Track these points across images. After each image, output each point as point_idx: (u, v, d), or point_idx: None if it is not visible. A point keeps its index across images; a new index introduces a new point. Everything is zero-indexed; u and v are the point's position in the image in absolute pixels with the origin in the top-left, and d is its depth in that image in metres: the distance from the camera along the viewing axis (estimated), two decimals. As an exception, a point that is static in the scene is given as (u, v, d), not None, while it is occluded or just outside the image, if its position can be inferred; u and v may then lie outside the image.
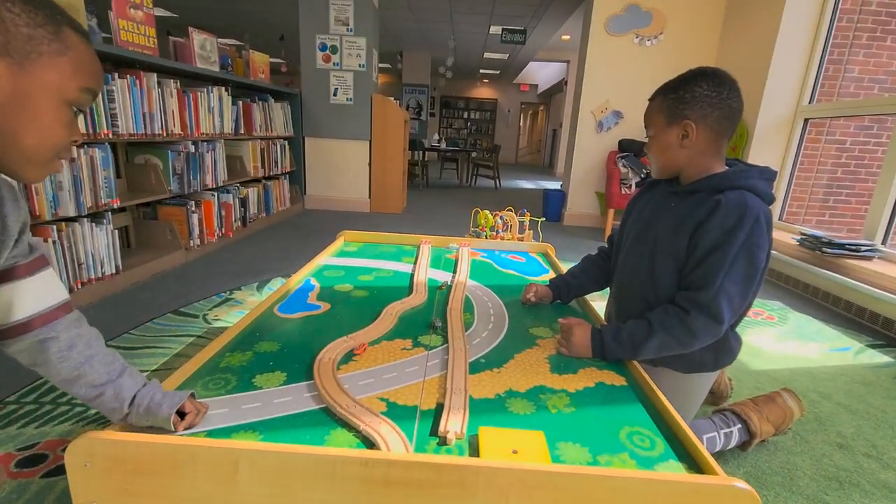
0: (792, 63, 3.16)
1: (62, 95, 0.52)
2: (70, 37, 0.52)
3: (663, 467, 0.64)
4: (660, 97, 0.99)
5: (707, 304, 0.89)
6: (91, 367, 0.60)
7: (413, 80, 10.09)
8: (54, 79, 0.51)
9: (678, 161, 1.00)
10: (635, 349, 0.92)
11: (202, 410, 0.67)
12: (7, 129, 0.50)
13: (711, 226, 0.91)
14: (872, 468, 1.22)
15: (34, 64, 0.49)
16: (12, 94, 0.49)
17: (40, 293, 0.57)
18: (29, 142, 0.51)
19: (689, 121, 0.94)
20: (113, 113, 2.04)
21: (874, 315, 2.23)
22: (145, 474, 0.58)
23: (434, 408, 0.74)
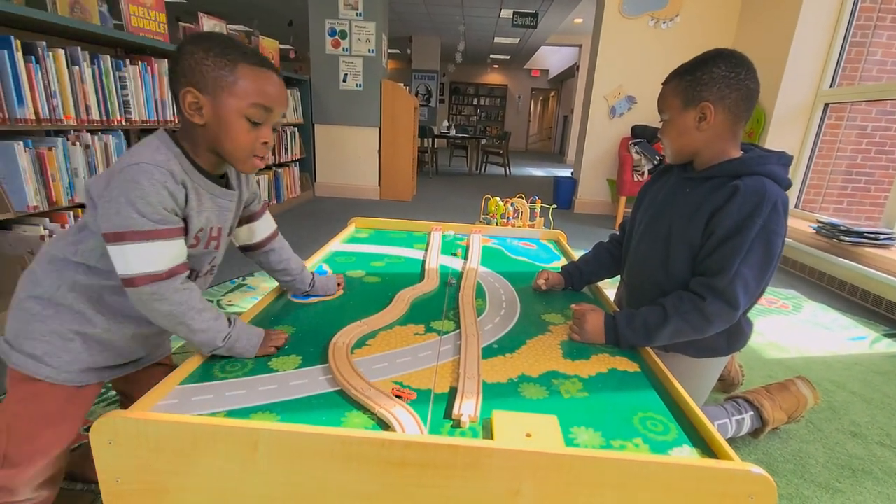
0: (813, 45, 3.07)
1: (239, 112, 0.73)
2: (240, 69, 0.73)
3: (677, 452, 0.64)
4: (675, 80, 0.97)
5: (723, 289, 0.89)
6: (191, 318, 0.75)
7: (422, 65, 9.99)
8: (233, 102, 0.73)
9: (695, 145, 0.98)
10: (649, 335, 0.92)
11: (280, 339, 0.85)
12: (215, 139, 0.75)
13: (729, 211, 0.90)
14: (886, 456, 1.21)
15: (221, 95, 0.72)
16: (213, 117, 0.73)
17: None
18: (227, 147, 0.76)
19: (707, 103, 0.92)
20: (125, 100, 2.05)
21: (891, 304, 2.19)
22: (167, 452, 0.59)
23: (447, 392, 0.75)
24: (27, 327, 0.74)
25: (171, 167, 0.72)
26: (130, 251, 0.69)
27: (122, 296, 0.74)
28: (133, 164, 0.69)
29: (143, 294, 0.70)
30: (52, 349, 0.74)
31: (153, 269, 0.70)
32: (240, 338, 0.79)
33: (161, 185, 0.70)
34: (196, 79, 0.71)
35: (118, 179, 0.69)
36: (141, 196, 0.68)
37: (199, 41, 0.72)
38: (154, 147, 0.73)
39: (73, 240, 0.76)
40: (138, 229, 0.69)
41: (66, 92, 1.78)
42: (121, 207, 0.68)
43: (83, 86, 1.85)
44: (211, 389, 0.72)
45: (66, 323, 0.75)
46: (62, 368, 0.75)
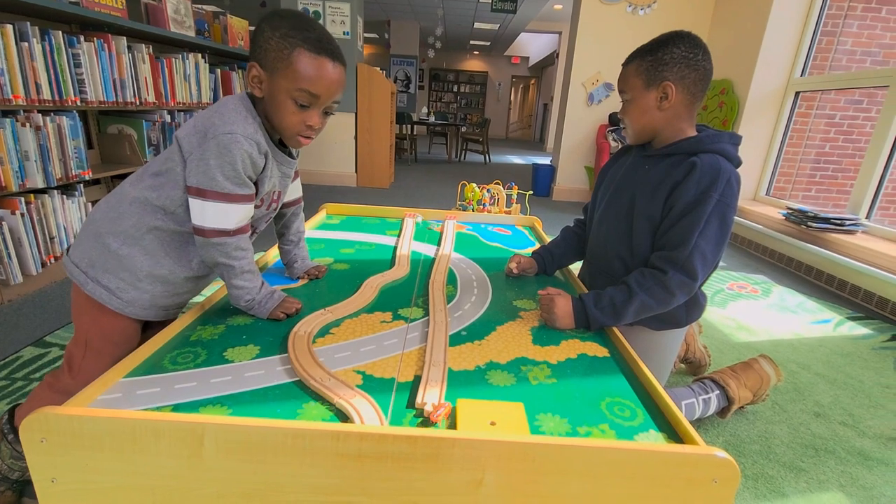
0: (785, 34, 3.11)
1: (288, 93, 0.80)
2: (297, 54, 0.78)
3: (643, 437, 0.63)
4: (637, 60, 0.98)
5: (683, 262, 0.92)
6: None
7: (401, 51, 9.80)
8: (283, 83, 0.79)
9: (656, 124, 1.00)
10: (617, 314, 0.92)
11: (292, 307, 0.89)
12: (269, 113, 0.83)
13: (687, 186, 0.93)
14: (848, 436, 1.24)
15: (276, 74, 0.79)
16: (268, 93, 0.81)
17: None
18: (276, 122, 0.83)
19: (668, 82, 0.95)
20: (80, 78, 1.93)
21: (855, 288, 2.26)
22: (105, 450, 0.55)
23: (412, 380, 0.72)
24: (104, 261, 0.82)
25: (258, 139, 0.81)
26: (209, 207, 0.79)
27: (189, 242, 0.85)
28: (228, 133, 0.77)
29: (209, 243, 0.81)
30: (124, 285, 0.83)
31: (223, 226, 0.81)
32: (260, 303, 0.87)
33: (248, 155, 0.80)
34: (260, 55, 0.79)
35: (212, 144, 0.77)
36: (230, 163, 0.78)
37: (272, 19, 0.79)
38: (243, 116, 0.80)
39: (151, 183, 0.82)
40: (220, 190, 0.79)
41: (15, 70, 1.66)
42: (209, 169, 0.77)
43: (33, 63, 1.73)
44: (159, 382, 0.67)
45: (140, 263, 0.83)
46: (130, 303, 0.83)
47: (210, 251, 0.82)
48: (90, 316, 0.83)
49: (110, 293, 0.82)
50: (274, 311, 0.87)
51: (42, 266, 1.84)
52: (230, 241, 0.82)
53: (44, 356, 1.37)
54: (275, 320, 0.87)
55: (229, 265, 0.83)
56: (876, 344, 1.80)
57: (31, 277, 1.81)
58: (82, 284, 0.81)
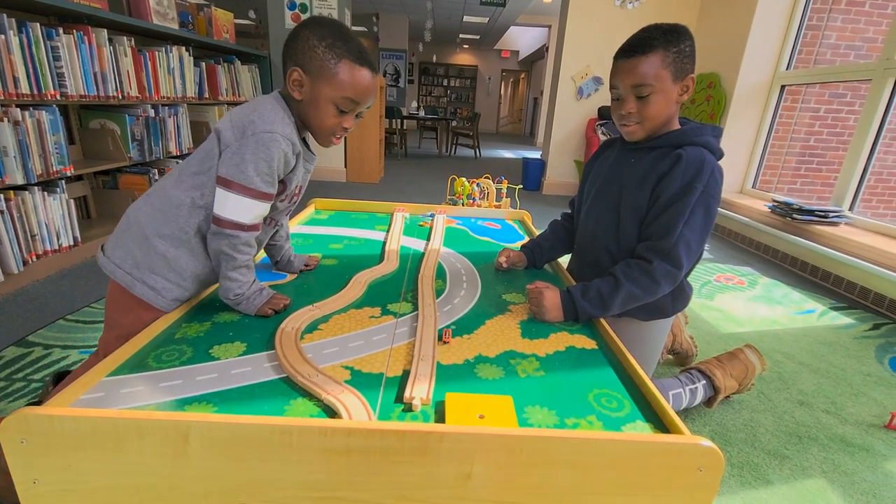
0: (771, 28, 3.13)
1: (331, 100, 0.85)
2: (343, 65, 0.84)
3: (630, 427, 0.64)
4: (659, 51, 0.93)
5: (668, 251, 0.93)
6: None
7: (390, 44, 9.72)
8: (328, 91, 0.85)
9: (668, 117, 0.99)
10: (604, 305, 0.93)
11: (279, 304, 0.89)
12: (305, 114, 0.88)
13: (673, 178, 0.94)
14: (830, 423, 1.27)
15: (320, 81, 0.84)
16: (310, 97, 0.86)
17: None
18: (314, 123, 0.89)
19: (692, 75, 0.95)
20: (59, 72, 1.89)
21: (838, 279, 2.30)
22: (88, 450, 0.54)
23: (400, 375, 0.72)
24: (151, 262, 0.84)
25: (294, 139, 0.86)
26: (231, 198, 0.82)
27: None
28: (268, 132, 0.81)
29: (222, 233, 0.83)
30: (170, 285, 0.86)
31: (240, 220, 0.83)
32: (249, 298, 0.87)
33: (284, 154, 0.84)
34: (304, 61, 0.84)
35: (251, 141, 0.81)
36: (266, 160, 0.82)
37: (317, 27, 0.84)
38: (281, 116, 0.85)
39: (194, 183, 0.85)
40: (248, 185, 0.82)
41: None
42: (243, 163, 0.81)
43: (10, 56, 1.69)
44: (143, 381, 0.67)
45: (186, 263, 0.86)
46: (174, 301, 0.86)
47: (220, 240, 0.84)
48: (134, 314, 0.84)
49: (156, 293, 0.84)
50: (262, 308, 0.87)
51: (24, 264, 1.81)
52: (243, 235, 0.84)
53: (26, 356, 1.35)
54: (262, 316, 0.87)
55: (232, 257, 0.85)
56: (858, 333, 1.83)
57: (13, 276, 1.78)
58: (129, 286, 0.84)
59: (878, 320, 1.97)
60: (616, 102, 1.01)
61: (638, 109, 0.97)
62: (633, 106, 0.97)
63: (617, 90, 0.99)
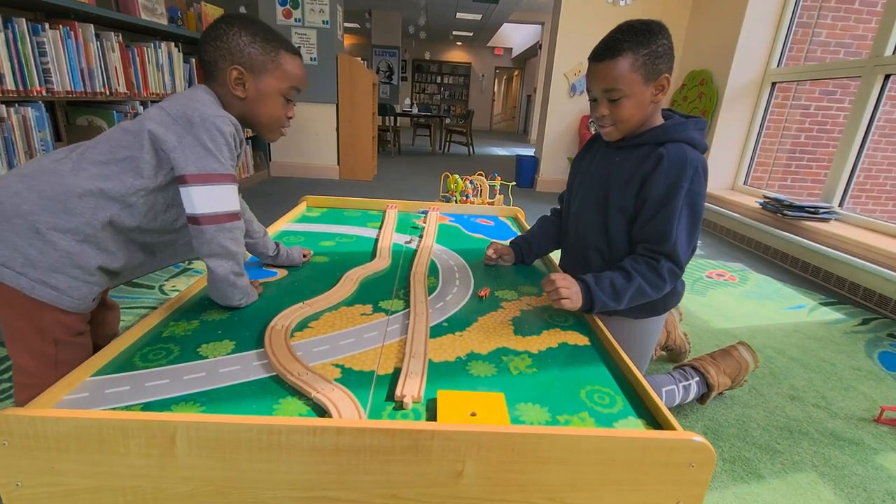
0: (763, 25, 3.14)
1: (279, 91, 0.86)
2: (282, 56, 0.85)
3: (622, 424, 0.64)
4: (629, 54, 0.92)
5: (669, 253, 0.95)
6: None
7: (383, 41, 9.67)
8: (274, 83, 0.85)
9: (645, 117, 0.99)
10: (616, 295, 0.93)
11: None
12: (253, 112, 0.87)
13: (656, 179, 0.95)
14: (821, 418, 1.28)
15: (263, 76, 0.84)
16: (254, 93, 0.85)
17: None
18: (263, 120, 0.88)
19: (666, 75, 0.94)
20: (45, 68, 1.86)
21: (828, 274, 2.32)
22: (72, 452, 0.53)
23: (392, 373, 0.71)
24: (48, 259, 0.73)
25: (237, 124, 0.83)
26: (217, 191, 0.78)
27: (149, 234, 0.83)
28: (218, 116, 0.79)
29: (222, 230, 0.79)
30: (76, 283, 0.76)
31: (233, 208, 0.81)
32: (248, 296, 0.89)
33: (233, 137, 0.81)
34: (243, 59, 0.82)
35: (202, 129, 0.77)
36: (225, 144, 0.79)
37: (245, 24, 0.83)
38: (216, 104, 0.83)
39: (101, 173, 0.75)
40: (224, 172, 0.79)
41: (-27, 58, 1.59)
42: (209, 153, 0.77)
43: (-7, 51, 1.66)
44: (129, 380, 0.65)
45: (93, 259, 0.77)
46: (82, 299, 0.77)
47: (220, 238, 0.79)
48: (39, 317, 0.74)
49: (60, 293, 0.74)
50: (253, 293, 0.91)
51: (9, 263, 1.77)
52: (238, 224, 0.82)
53: (12, 356, 1.32)
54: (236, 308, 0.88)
55: (235, 252, 0.82)
56: (847, 328, 1.85)
57: None
58: (25, 290, 0.72)
59: (868, 315, 1.99)
60: (592, 104, 1.01)
61: (611, 112, 0.97)
62: (606, 109, 0.97)
63: (591, 92, 0.99)
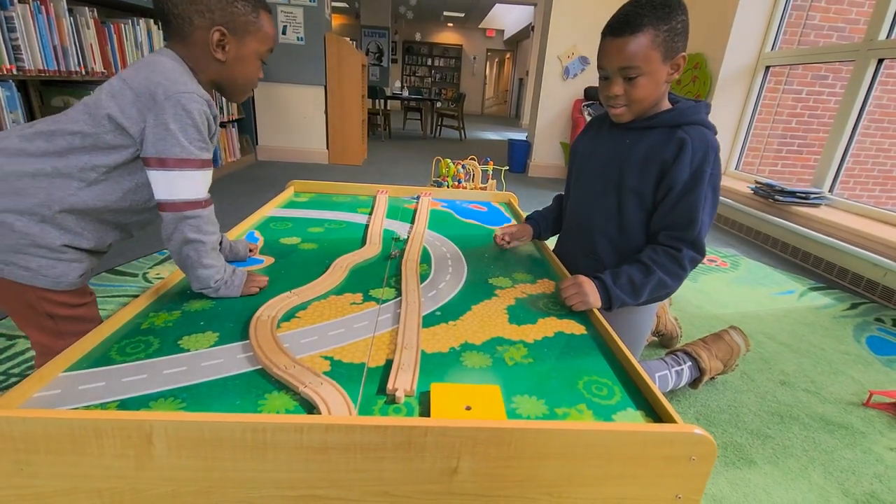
0: (757, 8, 3.10)
1: (258, 53, 0.83)
2: (262, 17, 0.81)
3: (621, 416, 0.62)
4: (649, 29, 0.86)
5: (693, 239, 0.93)
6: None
7: (372, 21, 9.44)
8: (255, 46, 0.82)
9: (658, 98, 0.96)
10: (635, 292, 0.92)
11: (263, 281, 0.88)
12: (231, 75, 0.83)
13: (682, 166, 0.92)
14: (811, 402, 1.29)
15: (245, 38, 0.80)
16: (235, 56, 0.81)
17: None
18: (241, 81, 0.85)
19: (683, 54, 0.91)
20: (15, 44, 1.76)
21: (818, 259, 2.33)
22: (42, 453, 0.50)
23: (383, 365, 0.69)
24: (7, 241, 0.71)
25: (207, 97, 0.77)
26: (176, 177, 0.74)
27: (121, 214, 0.80)
28: (182, 93, 0.72)
29: (182, 218, 0.75)
30: (45, 263, 0.74)
31: (196, 196, 0.76)
32: (229, 281, 0.83)
33: (205, 115, 0.76)
34: (226, 20, 0.77)
35: (167, 106, 0.71)
36: (192, 124, 0.73)
37: None
38: (185, 74, 0.76)
39: (50, 148, 0.71)
40: (187, 157, 0.74)
41: (-66, 32, 1.49)
42: (171, 135, 0.72)
43: (-43, 26, 1.57)
44: (104, 375, 0.62)
45: (56, 239, 0.73)
46: (60, 277, 0.75)
47: (182, 227, 0.76)
48: (29, 291, 0.74)
49: (33, 273, 0.72)
50: (247, 287, 0.85)
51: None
52: (204, 212, 0.78)
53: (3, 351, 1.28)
54: (248, 296, 0.85)
55: (200, 241, 0.77)
56: (836, 313, 1.87)
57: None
58: (12, 277, 0.71)
59: (856, 300, 2.01)
60: (604, 82, 0.95)
61: (625, 91, 0.92)
62: (621, 88, 0.92)
63: (604, 70, 0.93)
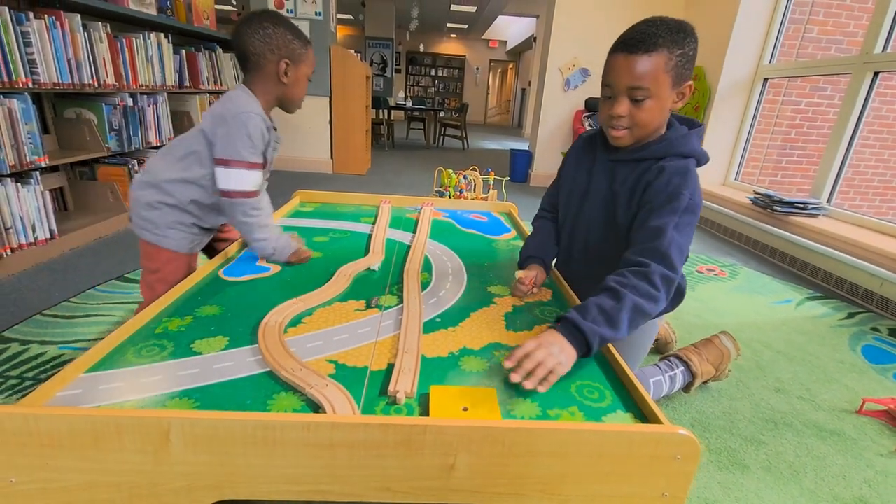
0: (755, 20, 3.16)
1: (307, 76, 1.13)
2: (309, 50, 1.12)
3: (611, 418, 0.65)
4: (663, 51, 0.82)
5: (663, 253, 0.84)
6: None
7: (377, 33, 9.58)
8: (305, 70, 1.12)
9: (660, 125, 0.92)
10: (611, 321, 0.77)
11: (308, 253, 1.15)
12: (291, 93, 1.11)
13: (657, 188, 0.89)
14: (805, 410, 1.31)
15: (300, 64, 1.10)
16: (293, 79, 1.10)
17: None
18: (294, 98, 1.13)
19: (690, 83, 0.88)
20: (31, 58, 1.83)
21: (815, 269, 2.36)
22: (66, 448, 0.54)
23: (385, 369, 0.72)
24: (162, 219, 1.10)
25: (264, 115, 1.07)
26: (232, 173, 1.03)
27: (212, 207, 1.14)
28: (244, 113, 1.02)
29: (233, 203, 1.05)
30: (177, 234, 1.12)
31: (244, 188, 1.05)
32: (281, 249, 1.09)
33: (261, 130, 1.05)
34: (288, 53, 1.07)
35: (232, 123, 1.01)
36: (248, 135, 1.02)
37: (281, 22, 1.06)
38: (251, 100, 1.06)
39: (182, 165, 1.08)
40: (240, 159, 1.03)
41: (-44, 48, 1.56)
42: (232, 143, 1.02)
43: (-23, 41, 1.63)
44: (122, 376, 0.66)
45: (186, 218, 1.13)
46: (181, 245, 1.14)
47: (233, 210, 1.06)
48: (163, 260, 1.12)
49: (169, 239, 1.12)
50: (295, 257, 1.10)
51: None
52: (249, 201, 1.05)
53: (3, 352, 1.32)
54: (295, 263, 1.10)
55: (247, 223, 1.06)
56: (833, 322, 1.89)
57: (-14, 270, 1.72)
58: (157, 242, 1.11)
59: (853, 309, 2.03)
60: (607, 101, 0.90)
61: (630, 113, 0.88)
62: (626, 108, 0.87)
63: (611, 87, 0.88)
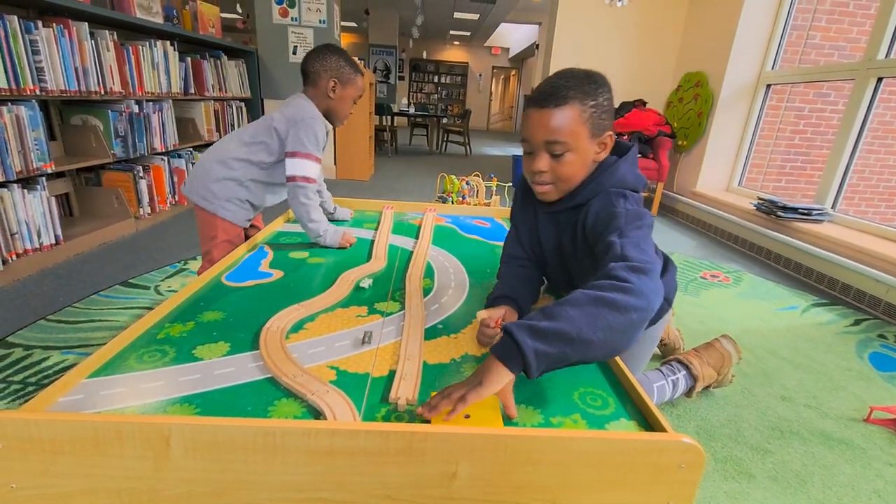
0: (758, 27, 3.16)
1: (352, 97, 1.39)
2: (358, 77, 1.38)
3: (614, 425, 0.64)
4: (575, 103, 0.79)
5: (618, 256, 0.72)
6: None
7: (380, 40, 9.66)
8: (352, 92, 1.38)
9: (584, 177, 0.87)
10: (550, 316, 0.63)
11: (353, 239, 1.33)
12: (336, 108, 1.38)
13: (591, 224, 0.84)
14: (811, 417, 1.29)
15: (348, 87, 1.37)
16: (339, 97, 1.36)
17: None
18: (340, 114, 1.40)
19: (610, 133, 0.84)
20: (39, 66, 1.85)
21: (821, 275, 2.34)
22: (67, 454, 0.53)
23: (387, 375, 0.72)
24: (222, 192, 1.35)
25: (324, 120, 1.34)
26: (298, 162, 1.28)
27: (271, 181, 1.40)
28: (311, 117, 1.30)
29: (297, 186, 1.27)
30: (233, 206, 1.38)
31: (305, 174, 1.29)
32: (328, 232, 1.28)
33: (324, 130, 1.32)
34: (338, 75, 1.34)
35: (301, 125, 1.28)
36: (314, 134, 1.30)
37: (338, 53, 1.35)
38: (311, 106, 1.33)
39: (248, 150, 1.35)
40: (306, 152, 1.29)
41: (-34, 56, 1.58)
42: (301, 138, 1.28)
43: (-14, 50, 1.65)
44: (123, 382, 0.66)
45: (243, 194, 1.38)
46: (235, 216, 1.39)
47: (296, 192, 1.26)
48: (217, 227, 1.37)
49: (225, 209, 1.36)
50: (342, 241, 1.27)
51: (3, 263, 1.77)
52: (309, 186, 1.28)
53: (6, 357, 1.32)
54: (342, 248, 1.28)
55: (307, 204, 1.26)
56: (839, 329, 1.87)
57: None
58: (210, 210, 1.35)
59: (859, 316, 2.01)
60: (528, 157, 0.86)
61: (552, 168, 0.84)
62: (546, 163, 0.84)
63: (529, 143, 0.84)
